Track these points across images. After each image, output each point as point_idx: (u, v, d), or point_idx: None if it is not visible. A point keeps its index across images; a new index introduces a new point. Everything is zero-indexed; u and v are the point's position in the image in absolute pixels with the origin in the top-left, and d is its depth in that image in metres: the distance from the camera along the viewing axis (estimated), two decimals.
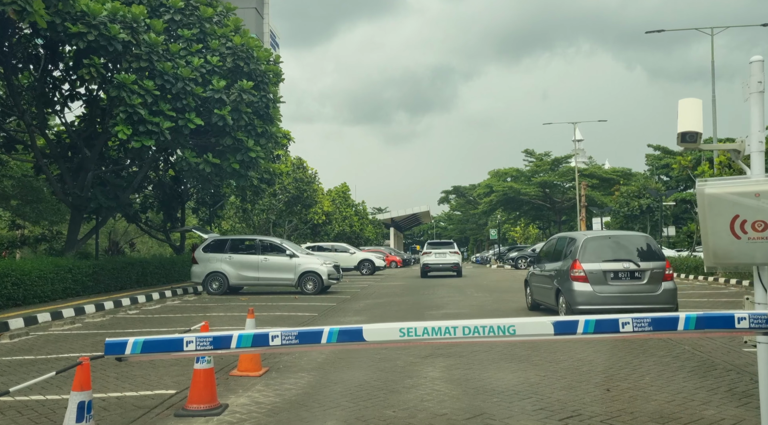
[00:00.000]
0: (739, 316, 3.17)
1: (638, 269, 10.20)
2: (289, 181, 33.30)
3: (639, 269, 10.21)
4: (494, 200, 49.59)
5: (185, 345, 3.27)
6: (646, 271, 10.21)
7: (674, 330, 3.20)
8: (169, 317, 12.14)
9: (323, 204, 43.85)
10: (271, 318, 11.78)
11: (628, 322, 3.18)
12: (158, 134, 15.24)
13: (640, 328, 3.17)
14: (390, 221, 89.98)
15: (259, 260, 17.64)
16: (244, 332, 3.25)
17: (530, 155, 52.05)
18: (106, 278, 16.97)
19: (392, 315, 12.21)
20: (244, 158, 17.68)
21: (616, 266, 10.26)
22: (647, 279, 10.19)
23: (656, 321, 3.20)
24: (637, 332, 3.17)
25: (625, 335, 3.20)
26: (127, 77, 14.54)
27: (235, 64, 17.11)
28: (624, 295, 10.15)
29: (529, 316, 18.61)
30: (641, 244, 10.69)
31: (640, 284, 10.18)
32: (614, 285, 10.20)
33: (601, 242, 10.80)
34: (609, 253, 10.51)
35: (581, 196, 41.03)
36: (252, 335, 3.24)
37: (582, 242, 10.70)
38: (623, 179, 47.72)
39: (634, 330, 3.17)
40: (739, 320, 3.16)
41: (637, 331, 3.17)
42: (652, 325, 3.18)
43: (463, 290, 18.76)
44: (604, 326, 3.19)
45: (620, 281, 10.24)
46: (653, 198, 26.83)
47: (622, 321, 3.19)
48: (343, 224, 54.56)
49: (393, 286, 21.42)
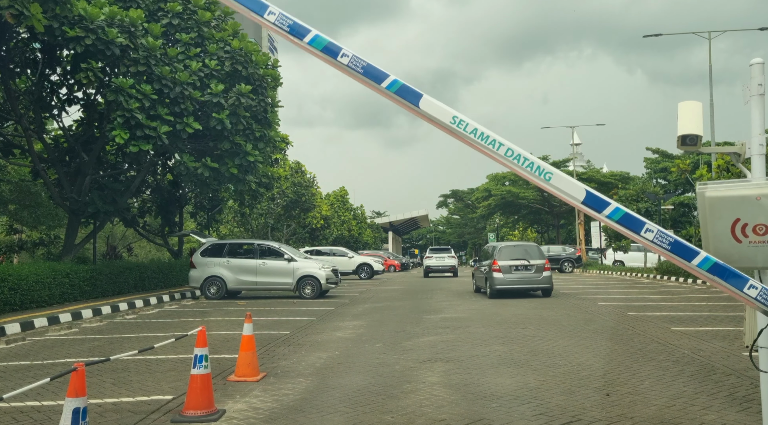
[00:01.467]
0: (752, 283, 3.13)
1: (529, 264, 16.78)
2: (288, 185, 33.26)
3: (529, 264, 16.78)
4: (492, 203, 49.54)
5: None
6: (533, 265, 16.81)
7: (688, 260, 3.15)
8: (166, 322, 12.09)
9: (321, 208, 43.83)
10: (269, 323, 11.73)
11: (652, 231, 3.16)
12: (156, 139, 15.21)
13: (660, 242, 3.16)
14: (388, 225, 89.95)
15: (257, 265, 17.59)
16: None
17: None
18: (104, 283, 16.91)
19: (391, 319, 12.17)
20: (243, 162, 17.65)
21: (517, 262, 16.80)
22: (534, 270, 16.77)
23: (677, 245, 3.17)
24: (656, 244, 3.15)
25: (643, 240, 3.17)
26: (124, 81, 14.52)
27: (233, 68, 17.09)
28: (521, 279, 16.72)
29: (473, 296, 18.39)
30: (532, 249, 17.42)
31: (530, 273, 16.76)
32: (515, 274, 16.73)
33: (509, 248, 17.36)
34: (513, 255, 16.93)
35: None
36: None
37: (498, 248, 17.33)
38: (621, 183, 47.70)
39: (653, 240, 3.15)
40: (751, 286, 3.12)
41: (656, 243, 3.15)
42: (671, 246, 3.16)
43: (462, 295, 18.71)
44: (629, 222, 3.18)
45: (519, 271, 16.76)
46: (651, 202, 26.81)
47: (647, 226, 3.17)
48: (342, 229, 54.55)
49: (392, 290, 21.37)
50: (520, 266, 16.70)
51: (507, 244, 17.88)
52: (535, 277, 16.68)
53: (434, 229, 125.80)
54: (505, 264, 16.65)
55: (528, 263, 16.73)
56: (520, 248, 17.45)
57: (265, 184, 26.27)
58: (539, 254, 17.12)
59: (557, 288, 20.34)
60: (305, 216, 35.56)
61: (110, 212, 17.82)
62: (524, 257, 16.82)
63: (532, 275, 16.65)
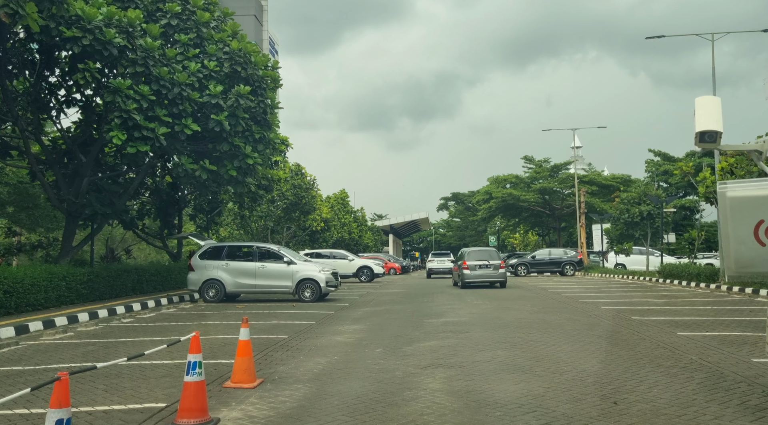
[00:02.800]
0: None
1: (489, 264, 22.24)
2: (288, 187, 33.08)
3: (489, 264, 22.25)
4: (493, 206, 49.36)
5: None
6: (492, 264, 22.27)
7: None
8: (163, 326, 11.91)
9: (322, 211, 43.66)
10: (268, 327, 11.56)
11: None
12: (154, 140, 15.04)
13: None
14: (389, 227, 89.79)
15: (256, 268, 17.41)
16: None
17: (529, 161, 51.83)
18: (101, 286, 16.74)
19: (392, 323, 11.99)
20: (242, 165, 17.48)
21: (480, 262, 22.27)
22: (493, 268, 22.21)
23: None
24: None
25: None
26: (122, 82, 14.36)
27: (232, 70, 16.93)
28: (483, 274, 22.26)
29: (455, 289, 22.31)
30: (492, 253, 23.23)
31: (490, 270, 22.25)
32: (479, 271, 22.23)
33: (475, 252, 22.96)
34: (478, 257, 22.51)
35: (581, 202, 40.86)
36: None
37: (467, 252, 23.08)
38: (623, 186, 47.55)
39: None
40: None
41: None
42: None
43: (463, 297, 18.53)
44: None
45: (482, 269, 22.24)
46: (654, 205, 26.62)
47: None
48: (342, 231, 54.39)
49: (392, 294, 21.19)
50: (483, 265, 22.33)
51: (473, 249, 23.69)
52: (494, 273, 22.36)
53: (435, 232, 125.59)
54: (472, 264, 22.37)
55: (488, 263, 22.36)
56: (484, 252, 23.39)
57: (265, 186, 26.13)
58: (497, 256, 23.13)
59: (559, 292, 20.15)
60: (305, 219, 35.35)
61: (108, 215, 17.67)
62: (486, 259, 22.51)
63: (492, 272, 22.33)
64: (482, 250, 23.50)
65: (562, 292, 20.10)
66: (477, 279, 22.33)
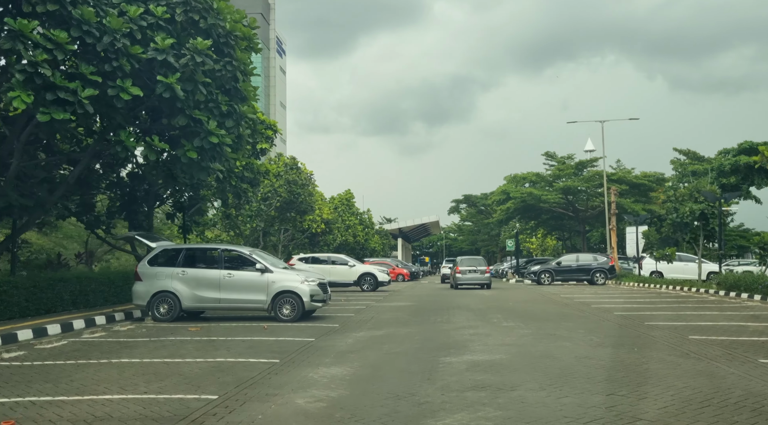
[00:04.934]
0: None
1: (477, 269, 26.96)
2: (281, 183, 29.15)
3: (477, 269, 26.96)
4: (511, 207, 44.93)
5: None
6: (479, 270, 26.96)
7: None
8: (37, 369, 7.96)
9: (323, 211, 39.74)
10: (200, 371, 7.59)
11: None
12: (75, 105, 11.15)
13: None
14: (398, 231, 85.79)
15: (221, 277, 13.48)
16: None
17: (551, 157, 47.33)
18: (21, 300, 12.94)
19: (392, 366, 8.01)
20: (204, 145, 13.54)
21: (469, 268, 27.09)
22: (480, 273, 26.82)
23: None
24: None
25: None
26: (24, 24, 10.49)
27: (188, 18, 13.01)
28: (472, 278, 26.89)
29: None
30: (480, 260, 28.37)
31: (477, 275, 26.83)
32: (469, 275, 26.90)
33: (466, 260, 28.27)
34: (468, 263, 27.53)
35: (611, 203, 36.64)
36: None
37: (460, 260, 28.49)
38: (656, 185, 43.18)
39: None
40: None
41: None
42: None
43: (487, 315, 14.48)
44: None
45: (471, 273, 26.90)
46: (708, 202, 22.40)
47: None
48: (346, 234, 50.50)
49: (397, 308, 17.16)
50: (472, 270, 26.86)
51: (464, 257, 29.42)
52: (481, 277, 26.80)
53: (445, 236, 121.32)
54: (463, 268, 26.97)
55: (476, 268, 26.89)
56: (473, 259, 28.46)
57: (250, 180, 22.23)
58: (483, 263, 27.92)
59: (604, 307, 16.04)
60: (302, 219, 31.40)
61: (30, 209, 13.80)
62: (474, 265, 27.17)
63: (479, 276, 26.75)
64: (472, 258, 29.24)
65: (608, 307, 15.99)
66: (467, 282, 27.20)
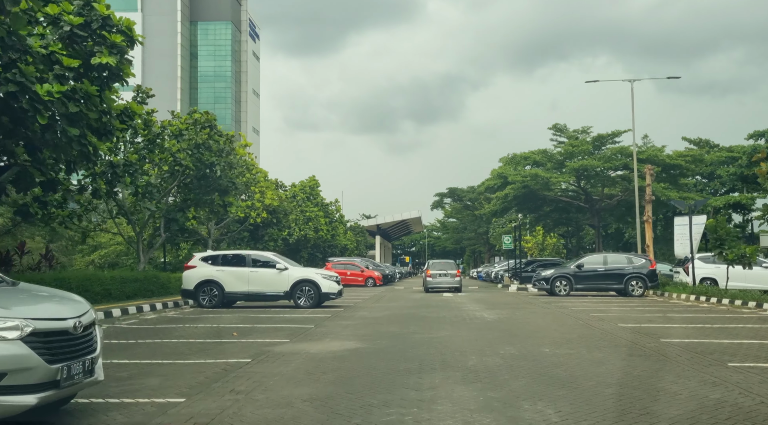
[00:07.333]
0: None
1: (447, 273, 27.16)
2: (183, 146, 19.50)
3: (447, 273, 27.14)
4: (510, 194, 35.30)
5: None
6: (449, 273, 27.15)
7: None
8: None
9: (265, 195, 30.09)
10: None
11: None
12: None
13: None
14: (375, 228, 76.34)
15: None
16: None
17: (561, 131, 37.86)
18: None
19: None
20: None
21: (441, 271, 27.26)
22: (450, 277, 27.06)
23: None
24: None
25: None
26: None
27: None
28: (442, 281, 26.92)
29: None
30: (450, 264, 28.59)
31: (447, 278, 26.99)
32: (440, 278, 26.95)
33: (436, 263, 28.47)
34: (438, 267, 27.81)
35: (646, 186, 27.46)
36: None
37: (431, 263, 28.68)
38: (694, 166, 34.18)
39: None
40: None
41: None
42: None
43: (495, 374, 5.04)
44: None
45: (442, 277, 27.00)
46: None
47: None
48: (306, 228, 40.83)
49: (331, 356, 7.58)
50: (442, 274, 27.05)
51: (435, 261, 29.57)
52: (451, 280, 26.93)
53: (428, 234, 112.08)
54: (434, 272, 27.21)
55: (446, 272, 27.22)
56: (443, 263, 28.60)
57: (91, 125, 12.75)
58: (453, 267, 28.07)
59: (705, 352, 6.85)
60: (224, 203, 21.90)
61: None
62: (445, 269, 27.48)
63: (449, 279, 26.91)
64: (443, 262, 28.77)
65: (721, 358, 6.68)
66: (437, 285, 26.74)
